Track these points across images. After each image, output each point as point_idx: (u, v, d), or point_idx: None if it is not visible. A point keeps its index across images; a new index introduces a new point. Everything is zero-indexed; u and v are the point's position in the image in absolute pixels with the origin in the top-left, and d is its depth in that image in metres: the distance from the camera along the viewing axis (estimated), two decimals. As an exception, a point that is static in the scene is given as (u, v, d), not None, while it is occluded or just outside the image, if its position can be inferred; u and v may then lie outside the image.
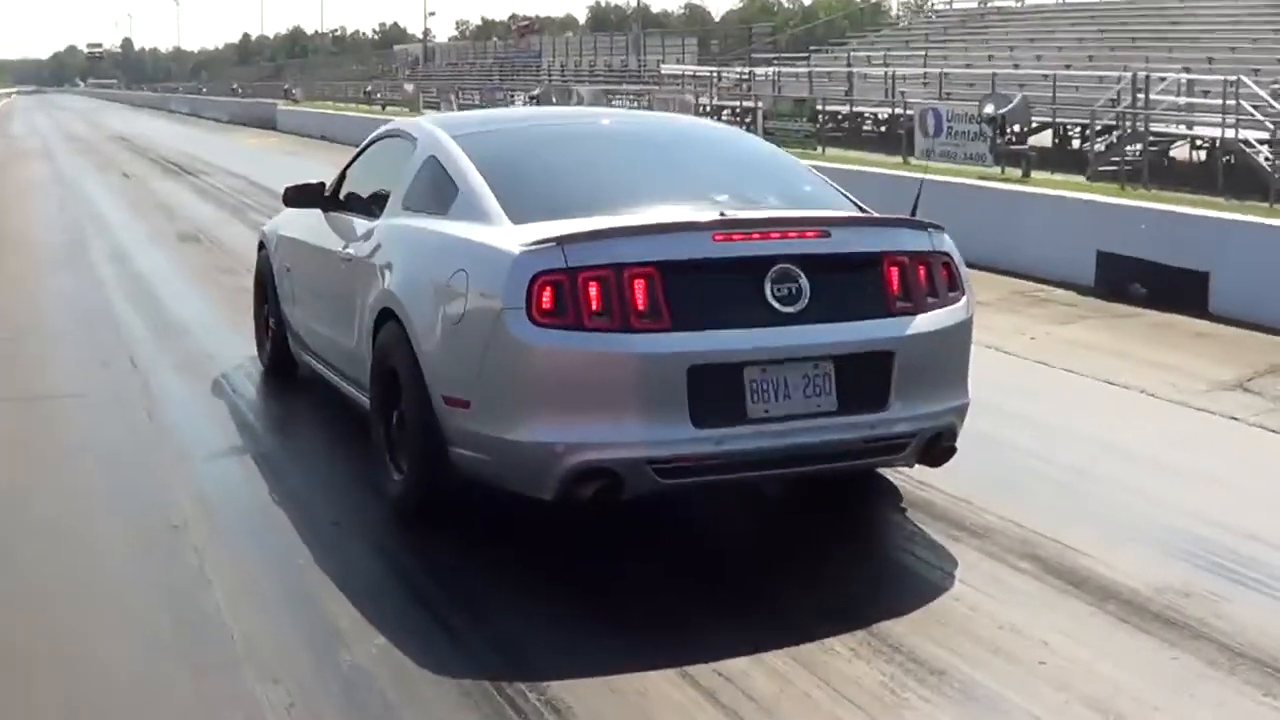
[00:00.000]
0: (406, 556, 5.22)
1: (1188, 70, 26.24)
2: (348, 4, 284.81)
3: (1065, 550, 5.22)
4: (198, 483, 6.13)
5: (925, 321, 5.13)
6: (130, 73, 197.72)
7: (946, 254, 5.31)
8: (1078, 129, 28.24)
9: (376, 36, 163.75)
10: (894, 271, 5.13)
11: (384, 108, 51.83)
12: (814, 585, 4.95)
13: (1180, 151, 25.43)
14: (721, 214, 5.09)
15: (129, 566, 5.12)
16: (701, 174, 6.05)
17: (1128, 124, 23.69)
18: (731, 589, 4.90)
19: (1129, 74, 24.49)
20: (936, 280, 5.22)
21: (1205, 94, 24.72)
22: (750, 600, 4.77)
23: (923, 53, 38.98)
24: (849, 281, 5.07)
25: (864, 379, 4.98)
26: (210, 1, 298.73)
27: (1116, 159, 23.01)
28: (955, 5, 46.10)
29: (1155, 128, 23.63)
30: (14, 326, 10.04)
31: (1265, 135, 22.17)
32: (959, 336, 5.31)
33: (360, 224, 6.43)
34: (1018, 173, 22.08)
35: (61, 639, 4.46)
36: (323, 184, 7.17)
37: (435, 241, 5.51)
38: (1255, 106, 22.52)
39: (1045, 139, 27.77)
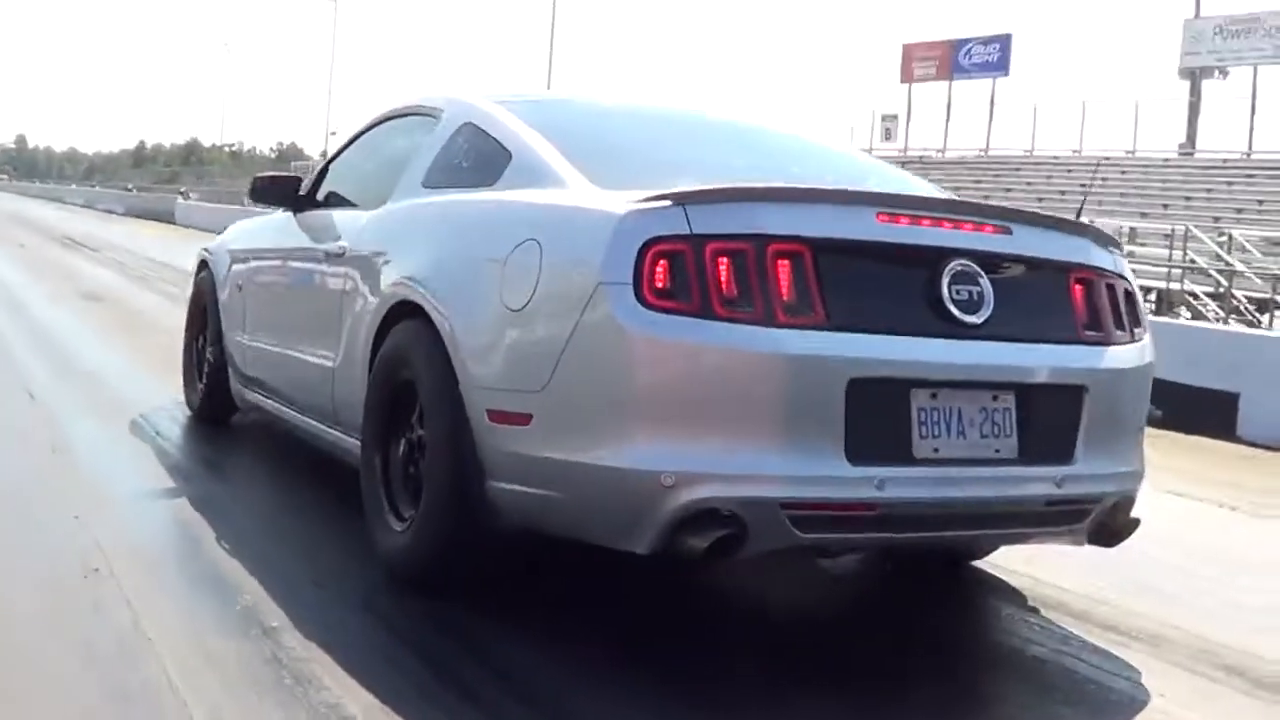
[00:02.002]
0: (421, 626, 3.84)
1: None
2: (247, 122, 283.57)
3: (1259, 661, 4.10)
4: (121, 525, 4.69)
5: (1116, 356, 3.98)
6: (22, 169, 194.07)
7: (1128, 280, 4.19)
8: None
9: (274, 155, 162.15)
10: (1080, 290, 3.99)
11: (288, 211, 50.28)
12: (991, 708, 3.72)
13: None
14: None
15: (35, 622, 3.66)
16: (807, 160, 4.87)
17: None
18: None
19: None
20: (1122, 309, 4.09)
21: (1141, 244, 24.35)
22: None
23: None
24: (1034, 294, 3.91)
25: (1049, 419, 3.81)
26: (108, 105, 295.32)
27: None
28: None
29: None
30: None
31: (1211, 289, 21.75)
32: (1145, 381, 4.17)
33: (352, 216, 5.13)
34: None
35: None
36: (299, 178, 5.85)
37: (485, 211, 4.21)
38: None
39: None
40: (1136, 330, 4.14)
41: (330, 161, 5.81)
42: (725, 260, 3.43)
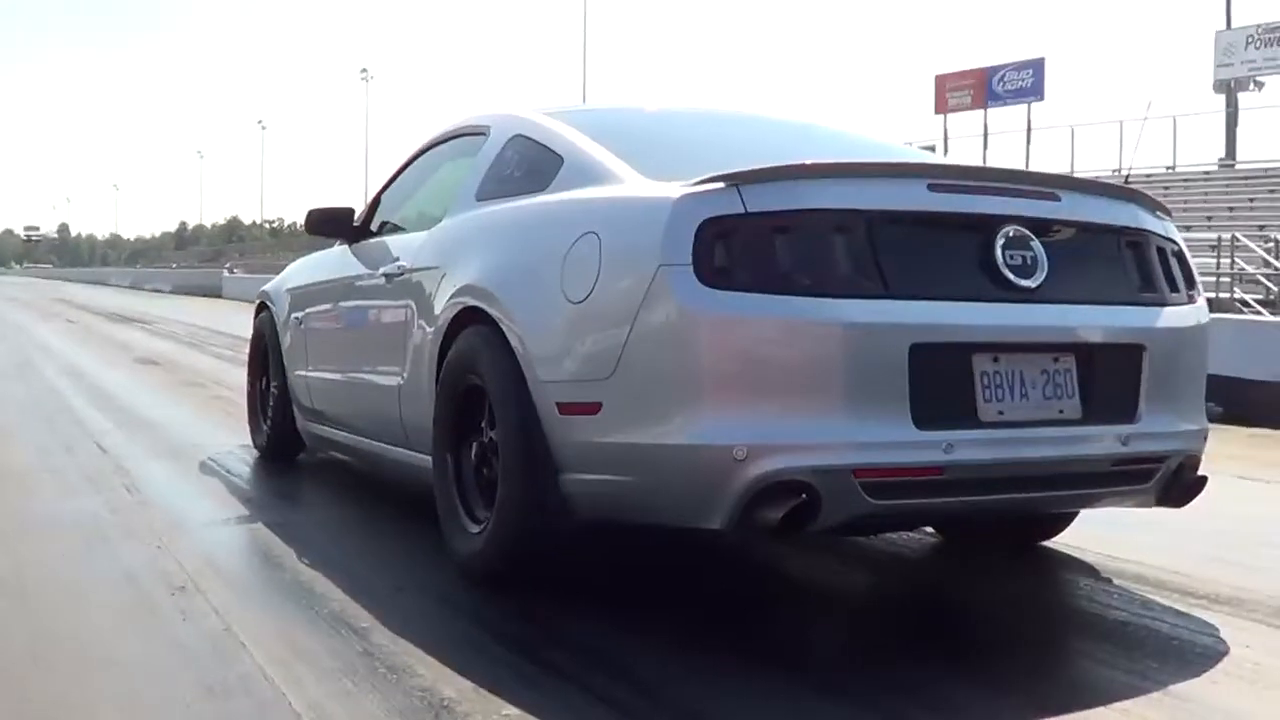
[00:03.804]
0: (504, 617, 3.89)
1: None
2: (286, 198, 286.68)
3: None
4: (201, 549, 4.76)
5: (1172, 315, 4.02)
6: (66, 257, 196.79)
7: (1177, 243, 4.24)
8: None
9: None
10: (1132, 252, 4.04)
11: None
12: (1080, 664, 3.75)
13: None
14: None
15: (127, 631, 3.75)
16: (847, 143, 4.95)
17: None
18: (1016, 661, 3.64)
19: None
20: (1174, 270, 4.14)
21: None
22: (1027, 669, 3.54)
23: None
24: (1087, 257, 3.96)
25: (1111, 379, 3.85)
26: (149, 190, 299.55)
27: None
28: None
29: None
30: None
31: (1261, 296, 21.58)
32: (1202, 341, 4.20)
33: (409, 238, 5.24)
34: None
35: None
36: (352, 210, 5.97)
37: (541, 212, 4.29)
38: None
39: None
40: (1190, 291, 4.19)
41: (382, 191, 5.92)
42: (782, 236, 3.50)
